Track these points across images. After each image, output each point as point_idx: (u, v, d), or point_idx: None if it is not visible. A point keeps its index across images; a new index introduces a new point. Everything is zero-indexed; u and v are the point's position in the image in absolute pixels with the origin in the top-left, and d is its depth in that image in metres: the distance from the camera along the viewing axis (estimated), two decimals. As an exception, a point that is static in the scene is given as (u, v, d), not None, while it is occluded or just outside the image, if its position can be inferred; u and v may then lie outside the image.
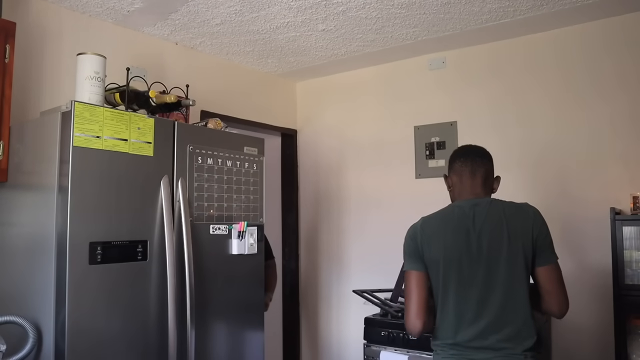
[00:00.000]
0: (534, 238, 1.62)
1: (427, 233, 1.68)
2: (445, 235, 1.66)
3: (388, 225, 3.42)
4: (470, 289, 1.61)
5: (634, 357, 2.35)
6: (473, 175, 1.75)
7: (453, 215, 1.69)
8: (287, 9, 2.62)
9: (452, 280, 1.62)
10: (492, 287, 1.60)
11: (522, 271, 1.61)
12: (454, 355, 1.62)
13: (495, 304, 1.59)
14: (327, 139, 3.84)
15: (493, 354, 1.58)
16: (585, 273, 2.73)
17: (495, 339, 1.58)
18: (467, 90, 3.22)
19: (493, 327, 1.59)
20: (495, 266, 1.60)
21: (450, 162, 1.84)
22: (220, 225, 2.27)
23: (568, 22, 2.84)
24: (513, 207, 1.69)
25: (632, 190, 2.57)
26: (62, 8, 2.57)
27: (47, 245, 1.82)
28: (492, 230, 1.62)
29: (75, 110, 1.80)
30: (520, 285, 1.61)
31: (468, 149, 1.85)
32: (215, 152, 2.27)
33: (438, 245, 1.65)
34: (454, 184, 1.80)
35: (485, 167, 1.77)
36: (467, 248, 1.62)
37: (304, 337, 3.89)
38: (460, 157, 1.80)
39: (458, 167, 1.78)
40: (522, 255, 1.61)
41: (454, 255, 1.62)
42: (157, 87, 2.45)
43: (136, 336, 1.93)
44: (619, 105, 2.72)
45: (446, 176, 1.86)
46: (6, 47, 2.04)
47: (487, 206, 1.67)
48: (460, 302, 1.61)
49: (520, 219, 1.64)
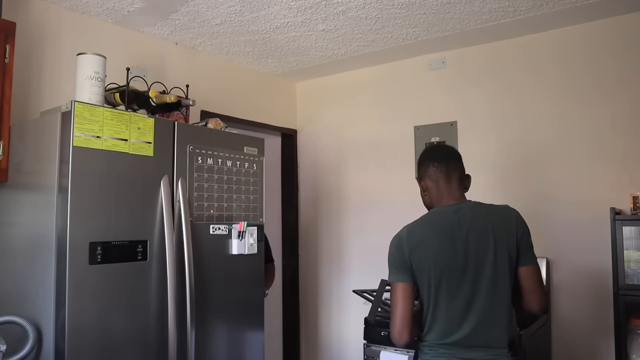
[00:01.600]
0: (517, 239, 1.64)
1: (413, 242, 1.65)
2: (432, 243, 1.64)
3: (388, 225, 3.38)
4: (459, 294, 1.61)
5: (634, 357, 2.35)
6: (449, 179, 1.73)
7: (438, 222, 1.68)
8: (287, 9, 2.62)
9: (442, 287, 1.62)
10: (480, 290, 1.61)
11: (507, 273, 1.63)
12: (444, 354, 1.62)
13: (483, 307, 1.60)
14: (327, 139, 3.84)
15: (483, 352, 1.60)
16: (585, 273, 2.73)
17: (484, 340, 1.60)
18: (467, 90, 3.22)
19: (482, 328, 1.60)
20: (482, 270, 1.61)
21: (421, 165, 1.80)
22: (220, 225, 2.27)
23: (568, 22, 2.84)
24: (495, 209, 1.70)
25: (632, 190, 2.57)
26: (62, 8, 2.57)
27: (47, 245, 1.82)
28: (478, 235, 1.63)
29: (75, 110, 1.80)
30: (505, 286, 1.62)
31: (439, 152, 1.83)
32: (215, 152, 2.27)
33: (426, 253, 1.63)
34: (429, 188, 1.76)
35: (459, 169, 1.76)
36: (455, 254, 1.62)
37: (303, 337, 3.89)
38: (433, 160, 1.76)
39: (433, 172, 1.74)
40: (507, 257, 1.62)
41: (442, 263, 1.62)
42: (157, 87, 2.45)
43: (136, 336, 1.93)
44: (619, 105, 2.72)
45: (419, 182, 1.80)
46: (6, 47, 2.04)
47: (471, 210, 1.67)
48: (450, 307, 1.62)
49: (504, 221, 1.65)
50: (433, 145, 1.93)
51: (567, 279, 2.80)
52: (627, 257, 2.39)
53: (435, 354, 1.64)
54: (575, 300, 2.78)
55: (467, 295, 1.61)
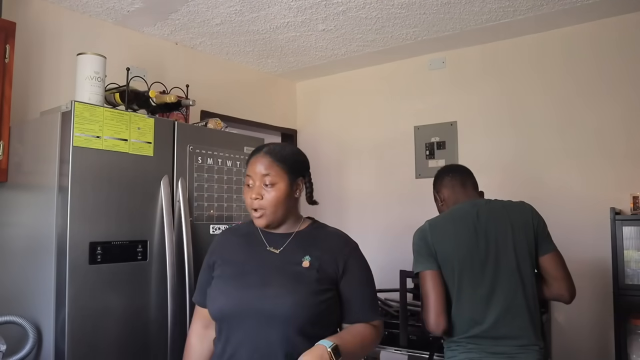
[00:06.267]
0: (535, 229, 1.70)
1: (436, 233, 1.71)
2: (454, 234, 1.70)
3: (388, 225, 3.42)
4: (482, 283, 1.64)
5: (634, 357, 2.35)
6: (464, 184, 1.85)
7: (458, 215, 1.74)
8: (287, 9, 2.62)
9: (465, 277, 1.66)
10: (502, 279, 1.64)
11: (528, 262, 1.67)
12: (472, 349, 1.64)
13: (505, 295, 1.63)
14: (327, 139, 3.84)
15: (510, 345, 1.61)
16: (585, 273, 2.73)
17: (509, 329, 1.62)
18: (467, 90, 3.22)
19: (506, 317, 1.62)
20: (503, 259, 1.65)
21: (437, 180, 1.92)
22: (220, 225, 2.27)
23: (568, 22, 2.84)
24: (511, 204, 1.77)
25: (632, 190, 2.57)
26: (62, 8, 2.57)
27: (47, 245, 1.82)
28: (497, 225, 1.68)
29: (75, 110, 1.80)
30: (527, 275, 1.66)
31: (454, 167, 1.97)
32: (215, 152, 2.27)
33: (449, 243, 1.69)
34: (446, 197, 1.86)
35: (472, 179, 1.88)
36: (476, 244, 1.67)
37: (304, 337, 3.88)
38: (448, 173, 1.89)
39: (448, 181, 1.86)
40: (527, 246, 1.68)
41: (465, 253, 1.67)
42: (157, 87, 2.45)
43: (136, 336, 1.93)
44: (619, 106, 2.72)
45: (436, 195, 1.91)
46: (6, 47, 2.04)
47: (488, 204, 1.75)
48: (473, 297, 1.65)
49: (520, 213, 1.72)
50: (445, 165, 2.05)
51: (567, 279, 2.80)
52: (627, 257, 2.39)
53: (463, 349, 1.65)
54: (575, 300, 2.77)
55: (489, 283, 1.64)
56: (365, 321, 1.37)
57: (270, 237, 1.43)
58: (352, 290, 1.37)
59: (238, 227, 1.53)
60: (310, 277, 1.33)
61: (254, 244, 1.43)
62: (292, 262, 1.36)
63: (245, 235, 1.46)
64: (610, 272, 2.50)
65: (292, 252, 1.39)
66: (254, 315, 1.30)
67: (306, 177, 1.48)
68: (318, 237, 1.43)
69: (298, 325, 1.28)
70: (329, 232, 1.47)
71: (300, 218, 1.49)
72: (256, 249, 1.41)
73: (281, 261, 1.37)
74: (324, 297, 1.32)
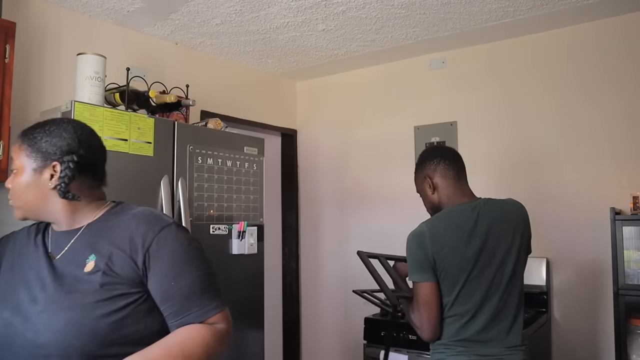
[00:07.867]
0: (529, 229, 1.71)
1: (435, 240, 1.62)
2: (453, 241, 1.62)
3: (388, 225, 3.42)
4: (478, 290, 1.62)
5: (634, 357, 2.35)
6: (460, 177, 1.72)
7: (457, 220, 1.65)
8: (287, 9, 2.62)
9: (462, 283, 1.62)
10: (499, 285, 1.63)
11: (524, 266, 1.68)
12: (462, 352, 1.62)
13: (498, 301, 1.62)
14: (327, 139, 3.84)
15: (499, 346, 1.61)
16: (585, 273, 2.73)
17: (497, 331, 1.62)
18: (467, 90, 3.22)
19: (496, 320, 1.62)
20: (503, 266, 1.63)
21: (428, 163, 1.75)
22: (220, 225, 2.28)
23: (568, 22, 2.84)
24: (506, 203, 1.73)
25: (632, 190, 2.57)
26: (62, 8, 2.57)
27: (47, 245, 1.81)
28: (497, 232, 1.64)
29: (75, 110, 1.80)
30: (521, 279, 1.67)
31: (448, 151, 1.81)
32: (215, 152, 2.27)
33: (449, 251, 1.61)
34: (439, 186, 1.72)
35: (464, 170, 1.76)
36: (477, 254, 1.62)
37: (304, 337, 3.88)
38: (444, 158, 1.73)
39: (443, 169, 1.71)
40: (525, 248, 1.68)
41: (464, 265, 1.61)
42: (157, 87, 2.45)
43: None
44: (619, 106, 2.72)
45: (427, 180, 1.75)
46: (6, 47, 2.04)
47: (486, 207, 1.68)
48: (467, 304, 1.62)
49: (516, 214, 1.70)
50: (436, 146, 1.92)
51: (567, 278, 2.80)
52: (627, 257, 2.39)
53: (452, 352, 1.63)
54: (575, 300, 2.78)
55: (485, 291, 1.62)
56: (196, 322, 1.06)
57: (56, 237, 1.14)
58: (166, 286, 1.05)
59: (37, 225, 1.23)
60: (91, 284, 1.02)
61: (34, 246, 1.14)
62: (73, 267, 1.06)
63: (35, 236, 1.18)
64: (610, 272, 2.50)
65: (75, 254, 1.08)
66: (22, 349, 0.99)
67: (64, 163, 1.11)
68: (113, 227, 1.11)
69: (83, 352, 0.97)
70: (128, 217, 1.13)
71: (100, 206, 1.17)
72: (35, 254, 1.12)
73: (61, 268, 1.07)
74: (117, 306, 1.01)
